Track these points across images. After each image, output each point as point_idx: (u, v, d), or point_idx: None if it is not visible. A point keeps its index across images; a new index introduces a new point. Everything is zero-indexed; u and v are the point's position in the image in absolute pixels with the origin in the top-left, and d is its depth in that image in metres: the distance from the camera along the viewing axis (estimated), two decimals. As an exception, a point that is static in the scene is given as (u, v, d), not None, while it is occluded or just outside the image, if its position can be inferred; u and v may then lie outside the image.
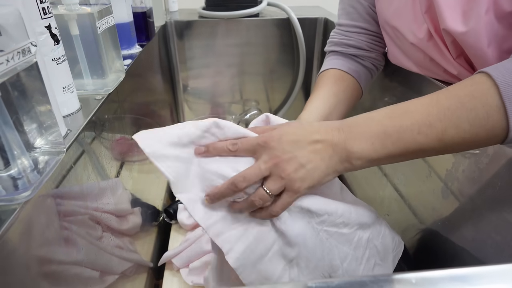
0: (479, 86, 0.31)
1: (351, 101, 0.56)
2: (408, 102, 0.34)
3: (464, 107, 0.31)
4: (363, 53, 0.57)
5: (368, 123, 0.34)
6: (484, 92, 0.30)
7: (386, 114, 0.34)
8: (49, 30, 0.36)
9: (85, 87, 0.45)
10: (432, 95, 0.33)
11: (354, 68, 0.56)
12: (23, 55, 0.26)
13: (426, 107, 0.32)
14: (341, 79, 0.55)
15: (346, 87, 0.55)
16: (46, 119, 0.30)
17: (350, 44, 0.58)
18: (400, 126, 0.33)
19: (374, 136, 0.34)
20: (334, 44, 0.60)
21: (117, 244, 0.47)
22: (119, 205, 0.49)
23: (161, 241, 0.69)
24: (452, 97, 0.31)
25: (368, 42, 0.57)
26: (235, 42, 0.92)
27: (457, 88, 0.32)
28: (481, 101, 0.30)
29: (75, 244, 0.35)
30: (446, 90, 0.33)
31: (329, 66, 0.57)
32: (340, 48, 0.58)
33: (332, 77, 0.56)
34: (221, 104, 1.02)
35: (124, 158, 0.55)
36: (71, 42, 0.42)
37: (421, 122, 0.32)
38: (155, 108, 0.81)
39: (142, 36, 0.70)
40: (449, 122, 0.31)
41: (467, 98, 0.31)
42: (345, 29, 0.58)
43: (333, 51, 0.60)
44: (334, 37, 0.60)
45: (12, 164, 0.26)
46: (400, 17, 0.49)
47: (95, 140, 0.43)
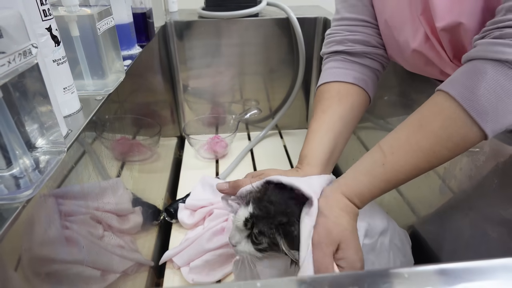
0: (447, 113, 0.34)
1: (358, 117, 0.51)
2: (390, 147, 0.37)
3: (442, 140, 0.34)
4: (371, 50, 0.51)
5: (359, 185, 0.38)
6: (453, 118, 0.33)
7: (382, 173, 0.37)
8: (49, 32, 0.36)
9: (85, 87, 0.46)
10: (408, 136, 0.36)
11: (360, 77, 0.50)
12: (24, 57, 0.27)
13: (411, 155, 0.36)
14: (346, 95, 0.50)
15: (352, 104, 0.50)
16: (47, 120, 0.31)
17: (357, 40, 0.51)
18: (394, 184, 0.37)
19: (367, 191, 0.38)
20: (336, 43, 0.52)
21: (118, 243, 0.48)
22: (120, 205, 0.50)
23: (161, 240, 0.70)
24: (429, 137, 0.35)
25: (376, 37, 0.51)
26: (235, 42, 0.93)
27: (429, 121, 0.35)
28: (454, 128, 0.33)
29: (77, 243, 0.36)
30: (421, 129, 0.35)
31: (331, 79, 0.51)
32: (345, 47, 0.51)
33: (336, 96, 0.50)
34: (221, 104, 1.02)
35: (125, 158, 0.55)
36: (71, 43, 0.43)
37: (410, 171, 0.36)
38: (155, 108, 0.82)
39: (142, 37, 0.70)
40: (432, 158, 0.35)
41: (441, 130, 0.34)
42: (349, 23, 0.52)
43: (334, 53, 0.53)
44: (335, 34, 0.53)
45: (14, 163, 0.27)
46: (396, 20, 0.47)
47: (96, 140, 0.43)
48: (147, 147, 0.71)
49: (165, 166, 0.84)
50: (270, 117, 1.04)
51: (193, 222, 0.69)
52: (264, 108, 1.01)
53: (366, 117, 0.74)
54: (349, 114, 0.49)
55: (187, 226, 0.69)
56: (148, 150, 0.71)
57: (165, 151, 0.86)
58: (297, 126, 1.07)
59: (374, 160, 0.38)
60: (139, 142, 0.65)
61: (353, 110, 0.50)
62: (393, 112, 0.64)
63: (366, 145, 0.74)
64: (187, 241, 0.63)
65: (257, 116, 0.99)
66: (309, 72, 0.98)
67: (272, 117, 1.03)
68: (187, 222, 0.69)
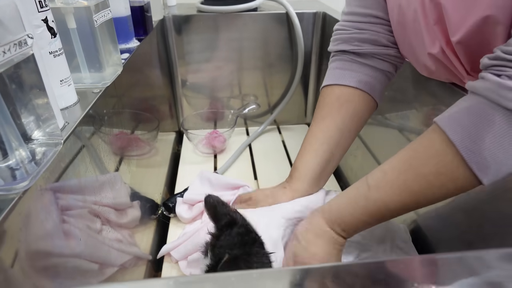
0: (443, 158, 0.30)
1: (360, 124, 0.48)
2: (376, 181, 0.35)
3: (434, 186, 0.31)
4: (380, 50, 0.46)
5: (340, 213, 0.37)
6: (449, 166, 0.30)
7: (364, 207, 0.36)
8: (46, 23, 0.36)
9: (82, 80, 0.46)
10: (397, 175, 0.33)
11: (365, 79, 0.46)
12: (19, 47, 0.26)
13: (397, 193, 0.33)
14: (347, 101, 0.46)
15: (353, 112, 0.47)
16: (43, 112, 0.30)
17: (365, 39, 0.46)
18: (379, 219, 0.36)
19: (349, 221, 0.37)
20: (342, 42, 0.48)
21: (116, 237, 0.48)
22: (118, 199, 0.50)
23: (160, 234, 0.70)
24: (420, 180, 0.32)
25: (386, 35, 0.46)
26: (233, 36, 0.92)
27: (422, 164, 0.32)
28: (449, 177, 0.30)
29: (74, 236, 0.36)
30: (411, 169, 0.32)
31: (334, 81, 0.47)
32: (351, 46, 0.47)
33: (336, 102, 0.47)
34: (220, 99, 1.02)
35: (123, 153, 0.55)
36: (68, 35, 0.43)
37: (395, 209, 0.34)
38: (153, 103, 0.82)
39: (139, 30, 0.70)
40: (421, 199, 0.33)
41: (434, 177, 0.31)
42: (357, 19, 0.46)
43: (341, 52, 0.48)
44: (342, 31, 0.48)
45: (10, 155, 0.27)
46: (411, 30, 0.42)
47: (94, 134, 0.43)
48: (145, 141, 0.71)
49: (163, 161, 0.84)
50: (268, 112, 1.04)
51: (191, 216, 0.69)
52: (262, 103, 1.01)
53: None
54: (349, 123, 0.46)
55: (185, 220, 0.70)
56: (146, 145, 0.71)
57: (164, 146, 0.86)
58: (296, 121, 1.07)
59: (358, 192, 0.36)
60: (137, 136, 0.64)
61: (354, 118, 0.47)
62: (392, 107, 0.64)
63: (365, 141, 0.74)
64: (185, 235, 0.63)
65: (256, 111, 0.99)
66: (307, 67, 0.98)
67: (270, 112, 1.03)
68: (185, 216, 0.69)
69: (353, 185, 0.38)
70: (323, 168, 0.46)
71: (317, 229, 0.37)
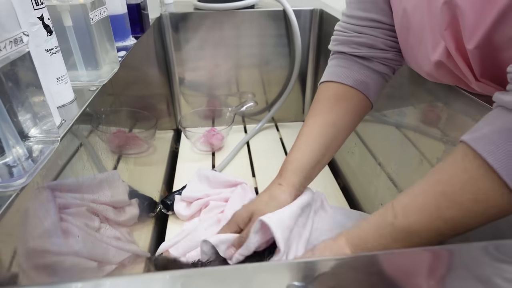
0: (481, 185, 0.27)
1: (355, 121, 0.49)
2: (403, 208, 0.32)
3: (472, 213, 0.28)
4: (377, 54, 0.47)
5: (376, 247, 0.34)
6: (490, 193, 0.27)
7: (390, 234, 0.32)
8: (41, 21, 0.36)
9: (79, 78, 0.46)
10: (431, 202, 0.30)
11: (362, 79, 0.47)
12: (15, 45, 0.26)
13: (430, 223, 0.30)
14: (342, 98, 0.47)
15: (348, 109, 0.47)
16: (40, 109, 0.31)
17: (363, 43, 0.47)
18: (407, 247, 0.32)
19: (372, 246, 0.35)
20: (341, 43, 0.49)
21: (115, 235, 0.48)
22: (116, 197, 0.50)
23: (158, 231, 0.70)
24: (455, 208, 0.28)
25: (384, 39, 0.46)
26: (230, 34, 0.92)
27: (455, 191, 0.28)
28: (490, 204, 0.27)
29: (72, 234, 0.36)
30: (443, 195, 0.29)
31: (331, 78, 0.48)
32: (349, 48, 0.48)
33: (332, 98, 0.47)
34: (218, 97, 1.02)
35: (121, 151, 0.55)
36: (64, 33, 0.42)
37: (430, 238, 0.31)
38: (151, 101, 0.82)
39: (136, 28, 0.70)
40: (461, 227, 0.29)
41: (471, 204, 0.28)
42: (356, 22, 0.47)
43: (339, 52, 0.49)
44: (341, 33, 0.49)
45: (7, 152, 0.27)
46: (414, 28, 0.41)
47: (91, 133, 0.43)
48: (143, 140, 0.71)
49: (161, 159, 0.84)
50: (266, 110, 1.04)
51: (189, 214, 0.69)
52: (260, 100, 1.01)
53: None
54: (343, 120, 0.47)
55: (183, 218, 0.70)
56: (144, 143, 0.71)
57: (161, 144, 0.86)
58: (294, 118, 1.07)
59: (383, 219, 0.33)
60: (135, 135, 0.64)
61: (348, 115, 0.47)
62: (389, 104, 0.64)
63: (362, 138, 0.75)
64: (183, 233, 0.63)
65: (253, 109, 0.99)
66: (305, 65, 0.98)
67: (268, 109, 1.03)
68: (183, 214, 0.69)
69: (379, 211, 0.35)
70: (316, 162, 0.46)
71: (337, 250, 0.35)
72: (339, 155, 0.87)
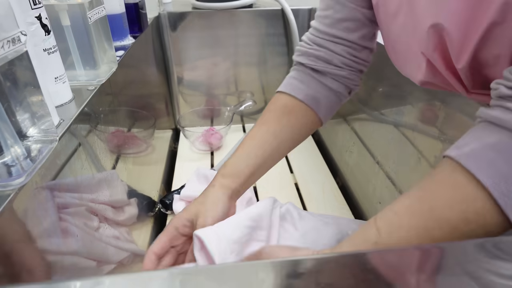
0: (471, 204, 0.26)
1: (301, 135, 0.49)
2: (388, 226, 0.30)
3: (460, 232, 0.27)
4: (332, 70, 0.47)
5: None
6: (479, 211, 0.26)
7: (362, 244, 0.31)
8: (39, 21, 0.36)
9: (77, 78, 0.46)
10: (418, 222, 0.28)
11: (312, 94, 0.47)
12: (13, 44, 0.26)
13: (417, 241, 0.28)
14: (290, 111, 0.47)
15: (294, 124, 0.47)
16: (38, 109, 0.31)
17: (320, 57, 0.47)
18: None
19: None
20: (302, 54, 0.49)
21: (114, 234, 0.48)
22: (115, 197, 0.50)
23: (157, 231, 0.70)
24: (443, 227, 0.27)
25: (342, 56, 0.47)
26: (229, 33, 0.92)
27: (443, 209, 0.27)
28: (478, 223, 0.26)
29: (72, 234, 0.36)
30: (431, 213, 0.28)
31: (285, 89, 0.49)
32: (307, 60, 0.48)
33: (280, 109, 0.48)
34: (216, 96, 1.02)
35: (120, 151, 0.55)
36: (62, 33, 0.42)
37: None
38: (150, 101, 0.82)
39: (134, 28, 0.70)
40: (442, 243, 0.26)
41: (461, 223, 0.27)
42: (319, 35, 0.47)
43: (298, 63, 0.50)
44: (304, 44, 0.49)
45: (5, 152, 0.27)
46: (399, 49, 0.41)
47: (90, 132, 0.43)
48: (142, 139, 0.71)
49: (160, 158, 0.84)
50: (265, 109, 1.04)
51: (189, 213, 0.69)
52: (258, 100, 1.01)
53: (360, 108, 0.75)
54: (287, 133, 0.47)
55: (182, 217, 0.70)
56: (143, 143, 0.71)
57: (160, 144, 0.86)
58: (292, 118, 1.07)
59: (365, 236, 0.31)
60: (133, 134, 0.64)
61: (293, 128, 0.47)
62: (387, 103, 0.64)
63: (361, 137, 0.75)
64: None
65: (252, 108, 0.99)
66: (303, 64, 0.98)
67: (267, 109, 1.03)
68: (182, 213, 0.69)
69: (361, 227, 0.34)
70: (252, 171, 0.46)
71: None
72: (338, 154, 0.87)
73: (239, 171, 0.46)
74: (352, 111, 0.79)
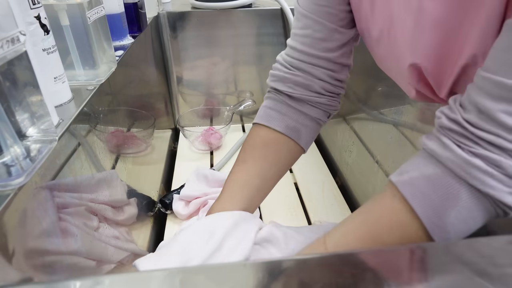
0: (407, 229, 0.29)
1: (283, 170, 0.48)
2: (336, 247, 0.33)
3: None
4: (312, 98, 0.44)
5: None
6: (413, 236, 0.29)
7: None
8: (38, 20, 0.36)
9: (76, 77, 0.46)
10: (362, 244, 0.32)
11: (293, 125, 0.45)
12: (12, 44, 0.26)
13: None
14: (271, 147, 0.45)
15: (278, 159, 0.46)
16: (37, 109, 0.31)
17: (298, 83, 0.44)
18: None
19: None
20: (278, 80, 0.45)
21: (114, 234, 0.48)
22: (115, 196, 0.50)
23: (156, 231, 0.70)
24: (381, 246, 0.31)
25: (322, 81, 0.44)
26: (228, 33, 0.92)
27: (383, 234, 0.31)
28: (409, 241, 0.30)
29: (71, 234, 0.36)
30: (373, 237, 0.32)
31: (263, 121, 0.46)
32: (284, 87, 0.44)
33: (261, 145, 0.46)
34: (216, 96, 1.02)
35: (120, 150, 0.55)
36: (61, 32, 0.42)
37: None
38: (149, 100, 0.82)
39: (134, 27, 0.70)
40: None
41: (396, 242, 0.30)
42: (296, 55, 0.44)
43: (274, 89, 0.46)
44: (280, 67, 0.45)
45: (5, 152, 0.27)
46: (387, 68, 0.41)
47: (89, 132, 0.43)
48: (142, 139, 0.71)
49: (160, 158, 0.84)
50: (264, 109, 1.04)
51: (188, 213, 0.69)
52: (258, 99, 1.01)
53: (359, 108, 0.75)
54: (271, 169, 0.46)
55: (181, 217, 0.70)
56: (143, 142, 0.71)
57: (160, 143, 0.86)
58: (292, 117, 1.07)
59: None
60: (133, 134, 0.64)
61: (277, 165, 0.46)
62: (386, 103, 0.64)
63: (360, 136, 0.75)
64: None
65: (251, 108, 0.99)
66: (303, 63, 0.98)
67: (266, 108, 1.03)
68: (181, 213, 0.69)
69: (310, 246, 0.36)
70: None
71: None
72: (337, 153, 0.88)
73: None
74: (352, 111, 0.79)
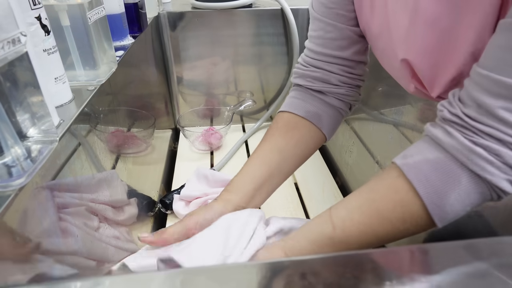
0: (409, 208, 0.32)
1: (306, 152, 0.50)
2: (342, 223, 0.35)
3: (398, 230, 0.33)
4: (331, 89, 0.48)
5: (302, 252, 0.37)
6: (415, 216, 0.31)
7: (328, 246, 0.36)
8: (39, 21, 0.36)
9: (77, 78, 0.46)
10: (365, 220, 0.34)
11: (314, 111, 0.48)
12: (13, 45, 0.26)
13: (364, 236, 0.34)
14: (294, 128, 0.48)
15: (298, 139, 0.48)
16: (38, 109, 0.31)
17: (317, 78, 0.48)
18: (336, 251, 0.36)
19: None
20: (298, 76, 0.50)
21: (114, 234, 0.48)
22: (115, 196, 0.50)
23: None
24: (385, 224, 0.33)
25: (338, 75, 0.48)
26: (228, 33, 0.92)
27: (388, 211, 0.33)
28: (412, 223, 0.32)
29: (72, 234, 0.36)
30: (377, 213, 0.33)
31: (286, 108, 0.50)
32: (305, 82, 0.49)
33: (284, 127, 0.49)
34: (216, 96, 1.02)
35: (120, 151, 0.55)
36: (62, 33, 0.42)
37: (361, 247, 0.35)
38: (149, 100, 0.82)
39: (134, 28, 0.70)
40: (386, 240, 0.35)
41: (399, 222, 0.33)
42: (314, 56, 0.48)
43: (297, 85, 0.51)
44: (300, 66, 0.50)
45: (5, 152, 0.27)
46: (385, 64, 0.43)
47: (90, 133, 0.43)
48: (142, 139, 0.71)
49: (160, 158, 0.84)
50: (264, 109, 1.04)
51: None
52: (258, 99, 1.01)
53: (359, 108, 0.75)
54: (292, 149, 0.48)
55: (182, 217, 0.70)
56: (143, 142, 0.71)
57: (160, 143, 0.86)
58: (292, 117, 1.07)
59: (323, 231, 0.36)
60: (133, 134, 0.65)
61: (298, 145, 0.48)
62: (386, 102, 0.64)
63: (360, 136, 0.75)
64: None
65: (252, 108, 0.99)
66: (303, 63, 0.98)
67: (266, 108, 1.03)
68: (182, 213, 0.69)
69: (316, 221, 0.37)
70: (257, 188, 0.46)
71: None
72: (337, 153, 0.88)
73: (242, 186, 0.46)
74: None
